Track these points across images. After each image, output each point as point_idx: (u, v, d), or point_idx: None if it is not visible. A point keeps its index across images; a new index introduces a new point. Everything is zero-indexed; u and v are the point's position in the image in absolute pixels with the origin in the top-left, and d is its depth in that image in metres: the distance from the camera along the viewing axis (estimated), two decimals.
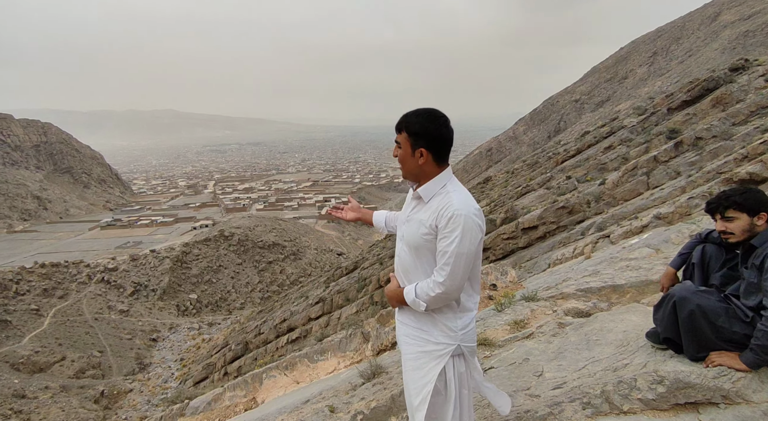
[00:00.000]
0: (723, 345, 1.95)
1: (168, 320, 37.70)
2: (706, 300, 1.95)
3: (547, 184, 17.71)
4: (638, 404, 1.95)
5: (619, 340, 2.44)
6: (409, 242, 1.72)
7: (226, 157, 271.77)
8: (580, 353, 2.48)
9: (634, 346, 2.32)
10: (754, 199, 1.96)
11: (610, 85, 67.44)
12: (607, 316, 2.81)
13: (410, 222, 1.73)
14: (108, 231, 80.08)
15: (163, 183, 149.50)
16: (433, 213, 1.64)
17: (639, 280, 3.42)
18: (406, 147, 1.69)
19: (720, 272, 2.16)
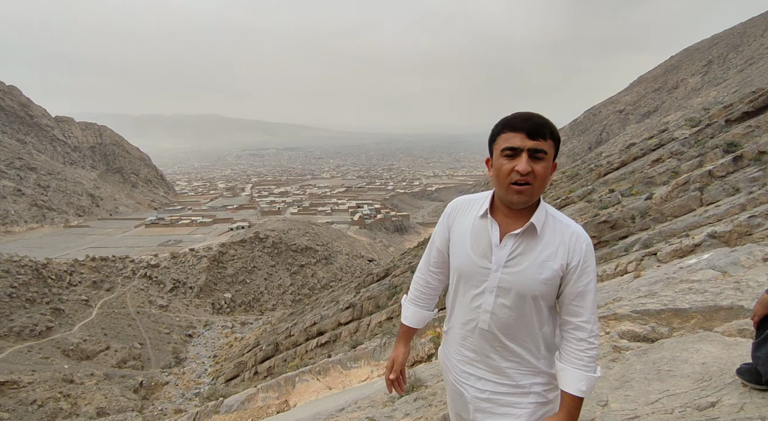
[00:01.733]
0: None
1: (203, 317, 39.01)
2: None
3: (588, 197, 17.05)
4: None
5: (698, 373, 2.20)
6: (522, 292, 1.30)
7: (263, 161, 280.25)
8: (651, 384, 2.28)
9: (719, 382, 2.08)
10: None
11: (659, 95, 64.34)
12: (677, 344, 2.57)
13: (519, 266, 1.29)
14: (152, 229, 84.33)
15: (203, 185, 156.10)
16: (559, 247, 1.29)
17: (706, 305, 3.15)
18: (551, 159, 1.26)
19: None
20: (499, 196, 1.31)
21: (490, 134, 1.32)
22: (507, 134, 1.25)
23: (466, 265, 1.36)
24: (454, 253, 1.42)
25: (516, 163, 1.22)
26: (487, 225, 1.34)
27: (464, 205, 1.44)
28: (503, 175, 1.25)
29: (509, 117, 1.27)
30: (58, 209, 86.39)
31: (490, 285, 1.32)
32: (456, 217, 1.44)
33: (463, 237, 1.39)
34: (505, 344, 1.36)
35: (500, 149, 1.25)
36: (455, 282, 1.42)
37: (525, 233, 1.29)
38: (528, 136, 1.21)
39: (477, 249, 1.34)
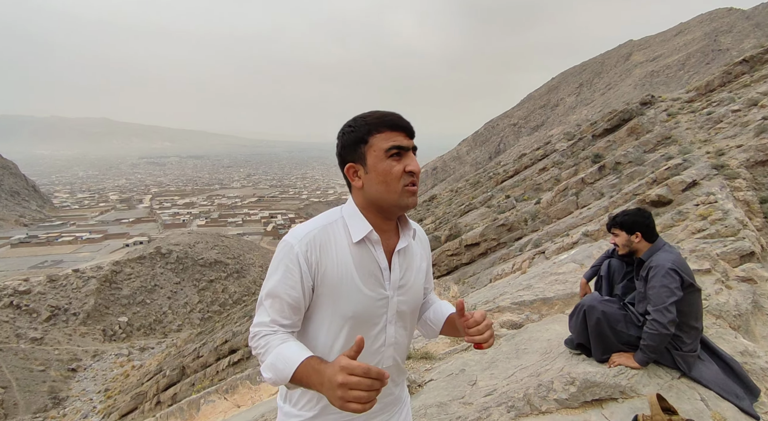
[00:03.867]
0: (622, 347, 2.27)
1: (91, 347, 34.27)
2: (609, 308, 2.27)
3: (488, 203, 18.67)
4: (554, 404, 2.16)
5: (544, 348, 2.70)
6: (414, 307, 1.22)
7: (164, 170, 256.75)
8: (510, 361, 2.71)
9: (556, 353, 2.58)
10: (632, 221, 2.37)
11: (544, 112, 72.99)
12: (535, 326, 3.10)
13: (408, 281, 1.18)
14: (20, 249, 71.86)
15: (91, 196, 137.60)
16: (421, 247, 1.27)
17: (565, 292, 3.78)
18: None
19: (621, 283, 2.56)
20: (387, 204, 1.11)
21: (353, 137, 1.11)
22: (387, 133, 1.09)
23: (362, 305, 1.10)
24: (335, 298, 1.09)
25: (405, 163, 1.09)
26: (370, 249, 1.12)
27: (322, 235, 1.10)
28: (395, 178, 1.08)
29: (377, 115, 1.11)
30: None
31: (390, 315, 1.15)
32: (321, 253, 1.08)
33: (346, 274, 1.08)
34: (401, 369, 1.26)
35: (385, 149, 1.08)
36: (346, 334, 1.11)
37: (407, 246, 1.19)
38: (408, 136, 1.12)
39: (368, 281, 1.10)
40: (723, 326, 2.82)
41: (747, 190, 8.20)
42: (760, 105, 11.52)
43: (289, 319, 1.09)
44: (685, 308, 2.17)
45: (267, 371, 1.02)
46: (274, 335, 1.06)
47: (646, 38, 74.42)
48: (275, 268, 1.09)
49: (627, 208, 2.54)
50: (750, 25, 53.59)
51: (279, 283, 1.07)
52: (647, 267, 2.27)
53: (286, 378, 0.98)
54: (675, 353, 2.22)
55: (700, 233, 6.59)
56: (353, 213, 1.14)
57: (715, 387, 2.16)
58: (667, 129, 13.40)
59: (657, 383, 2.15)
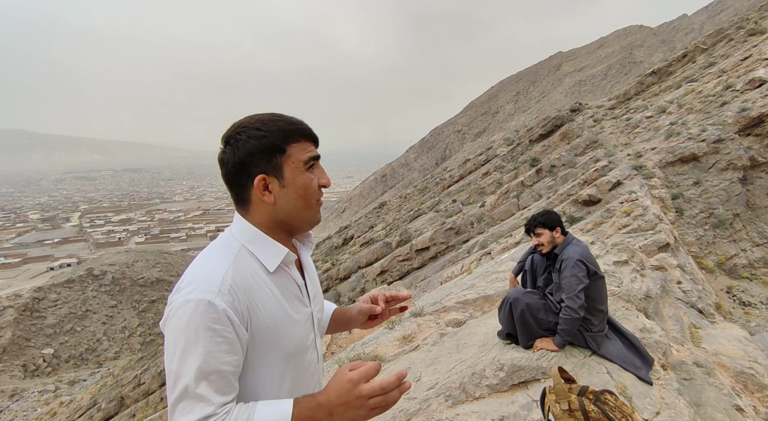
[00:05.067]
0: (544, 333, 2.55)
1: (9, 386, 30.63)
2: (531, 299, 2.54)
3: (436, 208, 19.16)
4: (486, 390, 2.36)
5: (482, 341, 2.89)
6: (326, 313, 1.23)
7: (95, 184, 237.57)
8: (452, 356, 2.87)
9: (491, 344, 2.78)
10: (551, 219, 2.67)
11: (485, 118, 76.54)
12: (475, 322, 3.27)
13: (316, 291, 1.12)
14: None
15: (5, 216, 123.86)
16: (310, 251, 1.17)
17: (505, 289, 4.00)
18: None
19: (543, 276, 2.85)
20: (301, 222, 1.01)
21: (265, 143, 0.94)
22: (301, 144, 0.97)
23: (298, 334, 0.99)
24: (272, 341, 0.94)
25: (318, 175, 1.00)
26: (286, 271, 1.01)
27: (240, 278, 0.91)
28: (313, 194, 0.98)
29: (289, 120, 0.98)
30: None
31: (315, 329, 1.07)
32: (248, 298, 0.90)
33: (278, 310, 0.95)
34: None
35: (304, 161, 0.96)
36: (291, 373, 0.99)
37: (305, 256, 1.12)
38: (316, 146, 1.01)
39: (294, 305, 1.00)
40: (630, 309, 3.15)
41: (661, 188, 9.09)
42: (667, 112, 12.87)
43: (235, 391, 0.89)
44: (592, 294, 2.47)
45: None
46: (229, 415, 0.84)
47: (574, 50, 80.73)
48: (191, 340, 0.83)
49: (539, 211, 2.82)
50: (657, 41, 59.94)
51: (209, 356, 0.83)
52: (560, 260, 2.54)
53: None
54: (586, 334, 2.51)
55: (625, 228, 7.21)
56: (255, 238, 0.97)
57: (619, 361, 2.47)
58: (593, 134, 14.57)
59: (572, 362, 2.42)
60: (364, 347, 3.80)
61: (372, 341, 3.90)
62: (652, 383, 2.40)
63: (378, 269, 16.73)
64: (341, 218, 73.12)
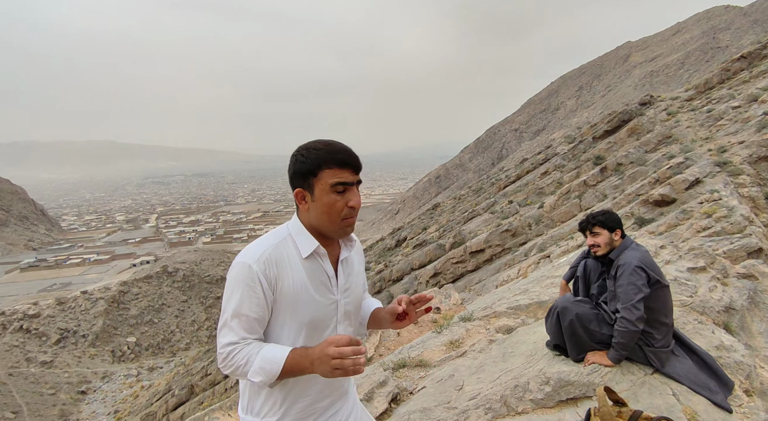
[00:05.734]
0: (596, 346, 2.30)
1: (101, 369, 34.23)
2: (582, 308, 2.30)
3: (491, 209, 18.61)
4: (530, 405, 2.19)
5: (530, 350, 2.71)
6: (357, 307, 1.38)
7: (170, 189, 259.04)
8: (497, 365, 2.71)
9: (540, 354, 2.59)
10: (612, 219, 2.41)
11: (545, 116, 73.13)
12: (525, 330, 3.09)
13: (351, 284, 1.35)
14: (29, 273, 72.38)
15: (98, 218, 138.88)
16: (358, 254, 1.43)
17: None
18: None
19: (597, 283, 2.59)
20: (326, 231, 1.25)
21: (304, 167, 1.20)
22: (334, 170, 1.19)
23: (317, 311, 1.25)
24: (293, 307, 1.22)
25: (348, 197, 1.20)
26: (318, 261, 1.26)
27: (276, 253, 1.22)
28: (336, 212, 1.21)
29: (328, 150, 1.20)
30: None
31: (339, 316, 1.30)
32: (278, 270, 1.20)
33: (302, 286, 1.23)
34: None
35: (331, 185, 1.19)
36: (304, 339, 1.24)
37: (347, 251, 1.33)
38: (354, 172, 1.21)
39: (320, 289, 1.25)
40: (705, 323, 2.80)
41: (751, 187, 8.11)
42: (760, 100, 11.47)
43: (257, 333, 1.23)
44: (654, 305, 2.21)
45: (256, 376, 1.16)
46: (249, 346, 1.19)
47: (644, 39, 74.70)
48: (234, 288, 1.19)
49: (596, 211, 2.56)
50: (748, 22, 53.69)
51: (242, 303, 1.18)
52: (616, 265, 2.29)
53: (275, 375, 1.14)
54: (647, 349, 2.24)
55: (706, 231, 6.51)
56: (300, 231, 1.27)
57: (688, 382, 2.17)
58: (667, 128, 13.36)
59: (630, 379, 2.17)
60: (411, 350, 3.75)
61: (419, 344, 3.84)
62: (732, 411, 2.08)
63: (431, 271, 16.57)
64: (394, 219, 73.47)
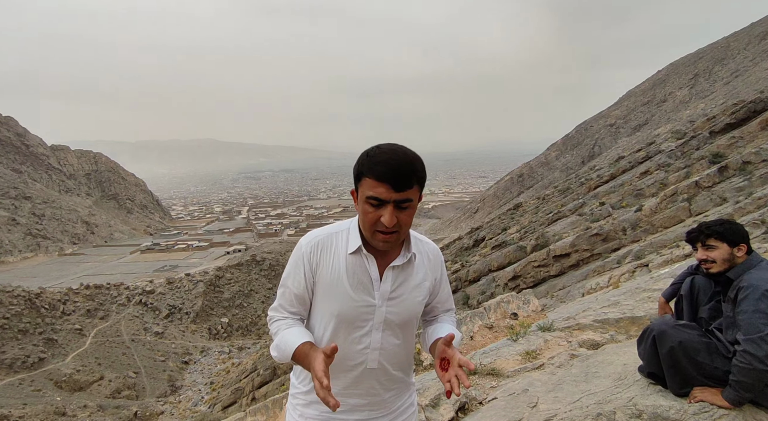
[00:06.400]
0: (705, 381, 1.87)
1: (200, 343, 38.38)
2: (686, 335, 1.88)
3: (579, 211, 17.20)
4: None
5: (618, 373, 2.36)
6: (406, 320, 1.29)
7: (260, 183, 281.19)
8: (578, 385, 2.41)
9: (631, 380, 2.23)
10: (735, 231, 1.93)
11: (648, 109, 65.62)
12: (614, 348, 2.72)
13: (401, 295, 1.27)
14: (147, 255, 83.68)
15: (199, 209, 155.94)
16: (427, 267, 1.32)
17: (657, 312, 3.27)
18: (416, 203, 1.20)
19: (708, 305, 2.08)
20: (367, 238, 1.22)
21: (355, 168, 1.18)
22: (371, 181, 1.12)
23: (348, 307, 1.23)
24: (327, 296, 1.25)
25: (381, 213, 1.13)
26: (363, 261, 1.23)
27: (327, 241, 1.26)
28: (369, 223, 1.16)
29: (373, 159, 1.13)
30: (53, 238, 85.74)
31: (376, 322, 1.25)
32: (321, 255, 1.25)
33: (338, 278, 1.23)
34: (391, 375, 1.33)
35: (365, 196, 1.14)
36: (332, 328, 1.25)
37: (403, 263, 1.25)
38: (393, 189, 1.10)
39: (357, 288, 1.22)
40: None
41: None
42: None
43: (295, 308, 1.30)
44: None
45: (274, 350, 1.26)
46: (284, 320, 1.29)
47: None
48: (290, 263, 1.31)
49: (711, 220, 2.06)
50: None
51: (289, 276, 1.29)
52: (736, 287, 1.84)
53: (287, 357, 1.20)
54: None
55: None
56: (354, 227, 1.27)
57: None
58: None
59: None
60: (483, 356, 3.55)
61: (492, 351, 3.61)
62: None
63: (510, 274, 15.82)
64: (473, 218, 71.61)
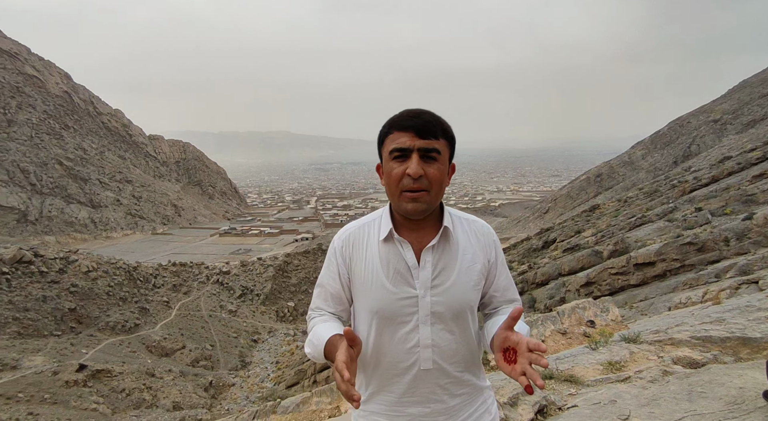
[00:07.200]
0: None
1: (268, 324, 40.92)
2: None
3: (669, 216, 15.60)
4: None
5: (732, 396, 2.09)
6: (458, 309, 1.13)
7: (328, 175, 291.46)
8: (679, 403, 2.19)
9: (751, 406, 1.96)
10: None
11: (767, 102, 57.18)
12: (722, 369, 2.44)
13: (447, 280, 1.12)
14: (225, 238, 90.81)
15: (272, 197, 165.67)
16: (475, 247, 1.17)
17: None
18: (446, 160, 1.10)
19: None
20: (394, 207, 1.13)
21: (378, 137, 1.13)
22: (395, 134, 1.07)
23: (387, 302, 1.11)
24: (364, 292, 1.15)
25: (407, 165, 1.05)
26: (397, 247, 1.13)
27: (357, 233, 1.19)
28: (394, 181, 1.07)
29: (396, 115, 1.09)
30: (148, 218, 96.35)
31: (422, 315, 1.11)
32: (353, 249, 1.17)
33: (372, 271, 1.14)
34: (454, 377, 1.16)
35: (389, 151, 1.08)
36: (375, 328, 1.14)
37: (440, 241, 1.13)
38: (417, 135, 1.05)
39: (394, 279, 1.12)
40: None
41: None
42: None
43: (332, 308, 1.23)
44: None
45: (307, 347, 1.18)
46: (319, 317, 1.22)
47: None
48: (325, 262, 1.25)
49: None
50: None
51: (324, 274, 1.24)
52: None
53: (320, 353, 1.10)
54: None
55: None
56: (385, 212, 1.18)
57: None
58: None
59: None
60: (558, 362, 3.35)
61: (568, 358, 3.40)
62: None
63: (583, 280, 14.82)
64: (543, 219, 68.06)
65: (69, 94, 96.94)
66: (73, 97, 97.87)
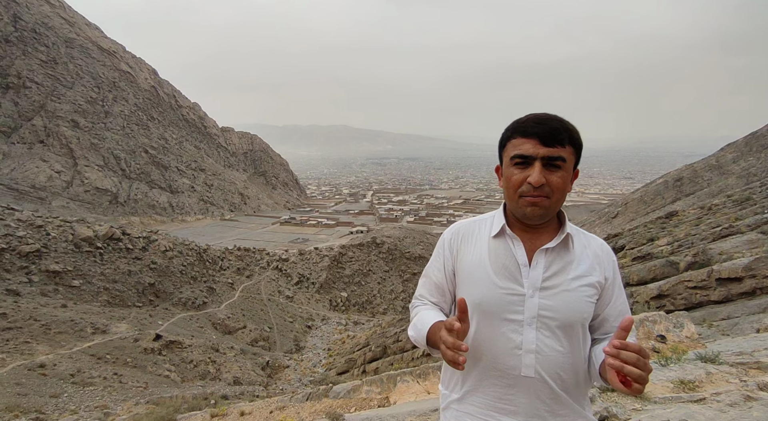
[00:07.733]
0: None
1: (321, 312, 42.41)
2: None
3: (762, 228, 13.93)
4: None
5: None
6: (570, 320, 1.06)
7: (385, 169, 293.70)
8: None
9: None
10: None
11: None
12: None
13: (559, 286, 1.07)
14: (285, 227, 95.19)
15: (330, 189, 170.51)
16: (592, 261, 1.11)
17: None
18: (570, 167, 1.05)
19: None
20: (512, 210, 1.11)
21: (500, 139, 1.13)
22: (517, 140, 1.06)
23: (490, 295, 1.09)
24: (468, 283, 1.14)
25: (528, 173, 1.03)
26: (508, 244, 1.12)
27: (469, 227, 1.21)
28: (513, 187, 1.06)
29: (521, 119, 1.08)
30: (217, 204, 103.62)
31: (528, 315, 1.06)
32: (462, 242, 1.19)
33: (480, 262, 1.13)
34: (556, 395, 1.06)
35: (510, 157, 1.07)
36: (476, 320, 1.11)
37: (558, 245, 1.08)
38: (542, 143, 1.02)
39: (501, 273, 1.10)
40: None
41: None
42: None
43: (435, 297, 1.28)
44: None
45: (411, 330, 1.24)
46: (422, 305, 1.28)
47: None
48: (433, 252, 1.30)
49: None
50: None
51: (430, 264, 1.31)
52: None
53: (423, 336, 1.14)
54: None
55: None
56: (499, 211, 1.21)
57: None
58: None
59: None
60: None
61: None
62: None
63: (654, 291, 13.70)
64: (611, 223, 63.58)
65: (155, 89, 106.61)
66: (158, 92, 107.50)
